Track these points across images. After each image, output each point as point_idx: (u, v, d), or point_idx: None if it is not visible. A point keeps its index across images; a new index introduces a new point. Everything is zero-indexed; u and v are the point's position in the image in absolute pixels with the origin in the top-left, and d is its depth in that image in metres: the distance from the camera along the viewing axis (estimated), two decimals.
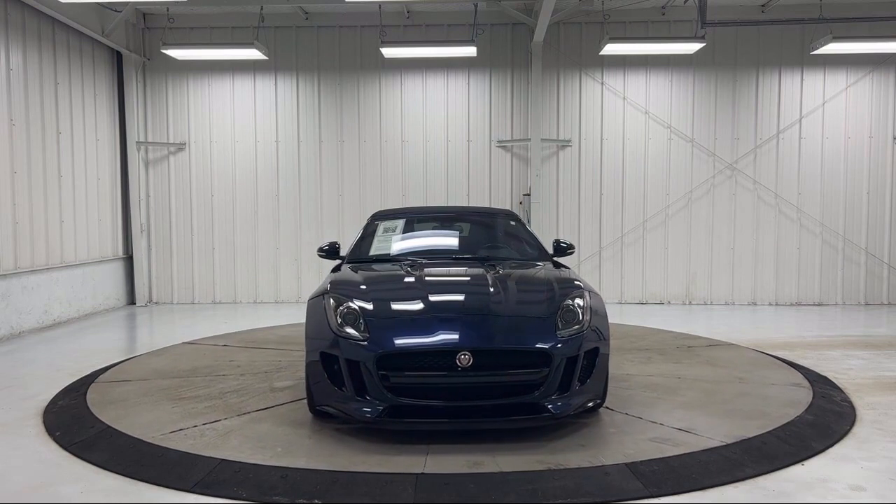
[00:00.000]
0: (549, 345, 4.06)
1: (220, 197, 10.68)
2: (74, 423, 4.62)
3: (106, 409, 4.82)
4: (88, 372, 6.00)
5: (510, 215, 6.45)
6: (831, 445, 4.13)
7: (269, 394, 5.20)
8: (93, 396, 5.12)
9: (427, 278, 4.77)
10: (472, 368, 3.92)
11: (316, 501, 3.39)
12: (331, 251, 5.67)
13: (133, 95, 10.34)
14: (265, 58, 9.75)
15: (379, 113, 10.54)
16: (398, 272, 5.02)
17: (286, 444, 4.14)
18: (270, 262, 10.67)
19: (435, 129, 10.52)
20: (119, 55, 10.32)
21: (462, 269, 5.20)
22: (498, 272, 4.88)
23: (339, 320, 4.22)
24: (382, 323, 4.18)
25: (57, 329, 8.44)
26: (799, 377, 5.73)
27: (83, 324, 8.85)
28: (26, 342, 7.63)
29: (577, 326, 4.23)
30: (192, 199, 10.69)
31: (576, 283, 4.74)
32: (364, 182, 10.59)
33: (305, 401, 4.74)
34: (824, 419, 4.58)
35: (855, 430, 4.43)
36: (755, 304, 10.41)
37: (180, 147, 10.65)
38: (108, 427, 4.45)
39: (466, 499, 3.40)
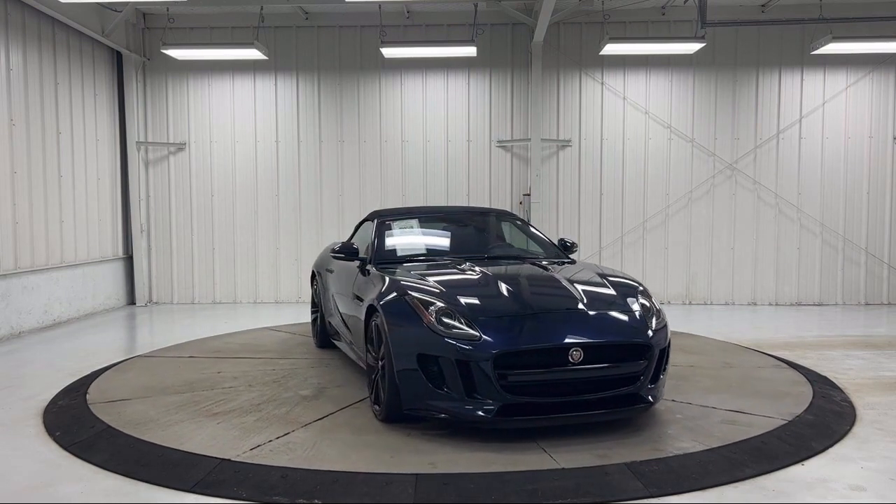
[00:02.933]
0: (649, 338, 4.28)
1: (220, 197, 10.68)
2: (74, 423, 4.62)
3: (145, 431, 4.34)
4: (88, 372, 6.00)
5: (513, 215, 6.68)
6: (831, 445, 4.13)
7: (306, 403, 4.95)
8: (110, 418, 4.61)
9: (498, 277, 4.77)
10: (582, 363, 4.05)
11: (316, 501, 3.39)
12: (349, 251, 5.52)
13: (133, 95, 10.34)
14: (265, 58, 9.75)
15: (379, 113, 10.54)
16: (456, 271, 5.01)
17: (392, 450, 4.03)
18: (270, 262, 10.67)
19: (435, 129, 10.52)
20: (119, 55, 10.32)
21: (522, 268, 5.27)
22: (549, 269, 5.08)
23: (436, 321, 4.15)
24: (492, 322, 4.14)
25: (57, 329, 8.44)
26: (775, 361, 6.26)
27: (83, 324, 8.85)
28: (26, 342, 7.63)
29: (658, 319, 4.48)
30: (192, 199, 10.69)
31: (633, 280, 4.98)
32: (364, 182, 10.59)
33: (352, 408, 4.74)
34: (824, 419, 4.59)
35: (855, 430, 4.43)
36: (755, 303, 10.41)
37: (180, 147, 10.65)
38: (108, 427, 4.45)
39: (466, 499, 3.40)
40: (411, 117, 10.52)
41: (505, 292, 4.50)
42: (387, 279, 4.81)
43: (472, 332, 4.06)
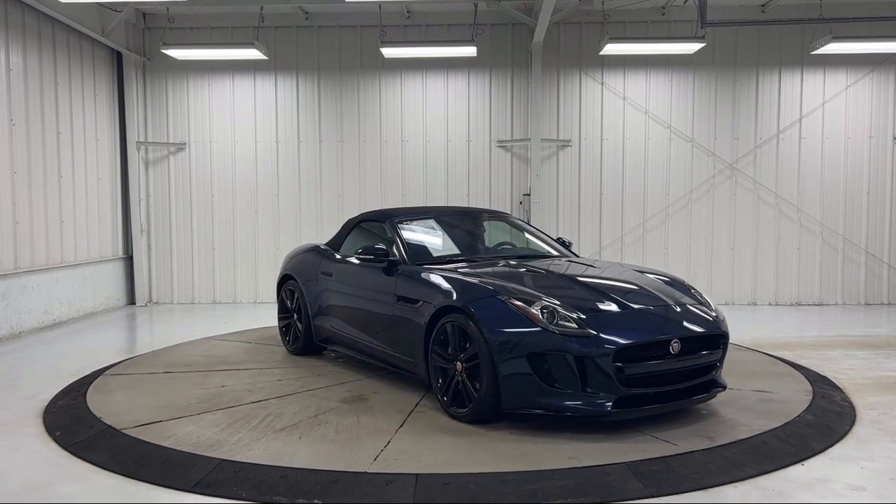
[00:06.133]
0: (724, 328, 4.65)
1: (220, 197, 10.68)
2: (74, 423, 4.61)
3: (235, 454, 3.96)
4: (88, 372, 5.99)
5: (507, 215, 6.81)
6: (831, 445, 4.13)
7: (363, 413, 4.73)
8: (171, 443, 4.17)
9: (562, 274, 5.00)
10: (680, 354, 4.29)
11: (316, 501, 3.39)
12: (378, 253, 5.36)
13: (133, 95, 10.34)
14: (265, 58, 9.75)
15: (379, 113, 10.54)
16: (511, 269, 5.14)
17: (514, 446, 4.03)
18: (270, 262, 10.66)
19: (435, 129, 10.52)
20: (119, 55, 10.32)
21: (570, 265, 5.43)
22: (595, 266, 5.39)
23: (547, 320, 4.18)
24: (600, 319, 4.27)
25: (57, 329, 8.44)
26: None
27: (83, 324, 8.85)
28: (26, 342, 7.63)
29: (716, 311, 4.79)
30: (192, 199, 10.69)
31: (672, 275, 5.34)
32: (364, 182, 10.59)
33: (418, 413, 4.69)
34: (824, 419, 4.59)
35: (855, 430, 4.43)
36: (755, 303, 10.41)
37: (180, 147, 10.65)
38: (108, 427, 4.45)
39: (466, 499, 3.39)
40: (411, 117, 10.52)
41: (589, 289, 4.67)
42: (458, 279, 4.78)
43: (587, 328, 4.15)
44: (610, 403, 4.08)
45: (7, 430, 4.55)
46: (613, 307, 4.43)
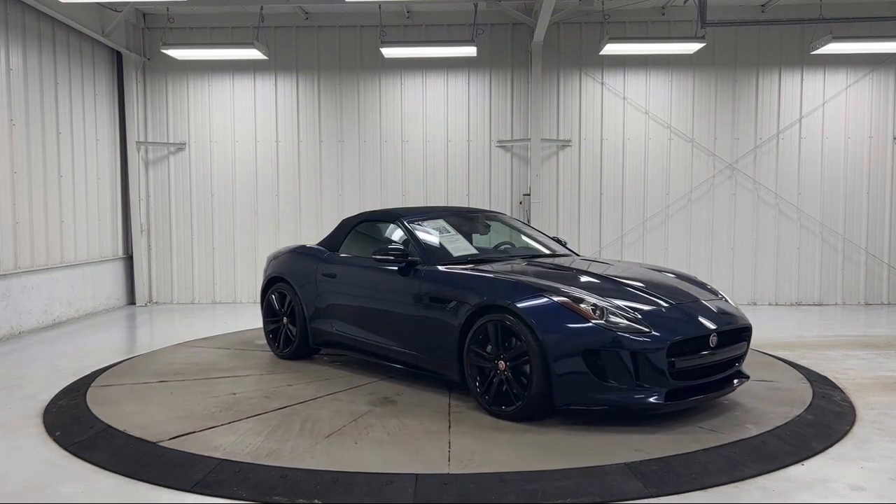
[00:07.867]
0: (748, 321, 4.85)
1: (220, 197, 10.68)
2: (74, 423, 4.61)
3: (293, 461, 3.84)
4: (88, 372, 5.99)
5: (500, 214, 6.89)
6: (831, 445, 4.13)
7: (402, 415, 4.64)
8: (222, 454, 3.96)
9: (595, 272, 5.17)
10: (716, 347, 4.48)
11: (316, 501, 3.39)
12: (399, 253, 5.25)
13: (133, 95, 10.34)
14: (265, 58, 9.75)
15: (379, 113, 10.54)
16: (542, 268, 5.23)
17: (577, 440, 4.11)
18: None
19: (435, 129, 10.52)
20: (119, 55, 10.32)
21: (592, 264, 5.59)
22: (613, 264, 5.57)
23: (601, 318, 4.26)
24: (649, 315, 4.37)
25: (57, 329, 8.44)
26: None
27: (83, 324, 8.85)
28: (26, 342, 7.63)
29: (735, 305, 4.99)
30: (192, 199, 10.69)
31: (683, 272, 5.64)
32: (364, 182, 10.59)
33: (458, 413, 4.66)
34: (824, 419, 4.59)
35: (855, 429, 4.43)
36: (755, 303, 10.41)
37: (180, 147, 10.65)
38: (108, 427, 4.44)
39: (466, 499, 3.39)
40: (411, 117, 10.52)
41: (626, 287, 4.75)
42: (498, 279, 4.80)
43: (640, 325, 4.25)
44: (662, 397, 4.18)
45: (7, 430, 4.55)
46: (658, 303, 4.52)
